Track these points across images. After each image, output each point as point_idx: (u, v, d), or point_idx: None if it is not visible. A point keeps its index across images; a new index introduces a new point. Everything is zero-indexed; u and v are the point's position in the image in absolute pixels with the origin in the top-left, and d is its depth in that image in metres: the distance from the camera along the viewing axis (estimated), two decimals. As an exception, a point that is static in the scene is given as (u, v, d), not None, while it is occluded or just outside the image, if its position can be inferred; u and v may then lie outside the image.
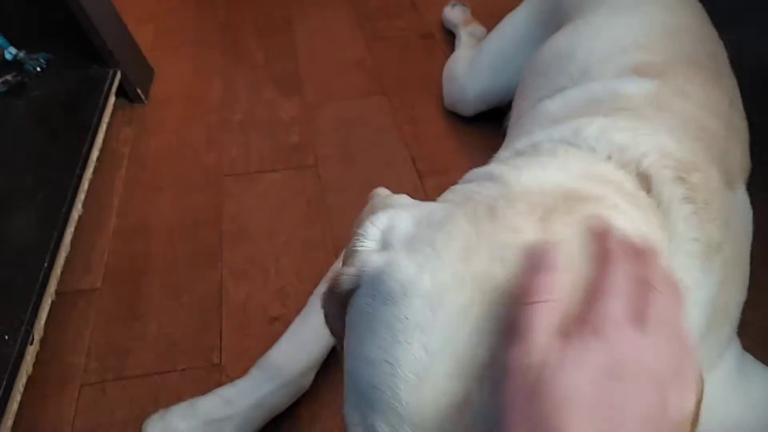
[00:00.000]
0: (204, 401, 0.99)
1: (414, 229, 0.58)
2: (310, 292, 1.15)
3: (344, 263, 0.64)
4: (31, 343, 1.05)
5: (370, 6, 2.26)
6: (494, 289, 0.51)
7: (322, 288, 1.10)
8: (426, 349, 0.50)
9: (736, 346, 0.87)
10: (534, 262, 0.52)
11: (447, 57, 1.77)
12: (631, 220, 0.60)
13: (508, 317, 0.50)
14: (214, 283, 1.27)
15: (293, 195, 1.48)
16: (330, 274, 1.12)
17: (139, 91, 1.79)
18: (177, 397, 1.05)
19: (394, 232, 0.58)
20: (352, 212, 1.18)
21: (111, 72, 1.70)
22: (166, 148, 1.65)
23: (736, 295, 0.84)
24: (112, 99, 1.67)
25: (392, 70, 1.91)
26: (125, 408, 1.05)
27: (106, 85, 1.65)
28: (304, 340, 1.05)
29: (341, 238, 1.34)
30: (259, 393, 0.99)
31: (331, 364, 1.07)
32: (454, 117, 1.66)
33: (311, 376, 1.03)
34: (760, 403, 0.86)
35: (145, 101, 1.81)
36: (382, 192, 0.76)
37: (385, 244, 0.58)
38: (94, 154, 1.48)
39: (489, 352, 0.50)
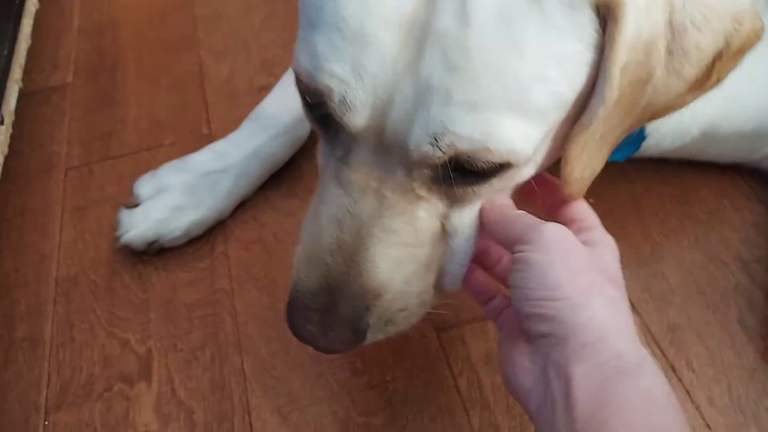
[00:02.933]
0: (196, 156, 0.92)
1: None
2: (298, 59, 1.05)
3: None
4: (1, 123, 0.97)
5: None
6: None
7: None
8: None
9: None
10: None
11: None
12: None
13: None
14: (193, 65, 1.17)
15: (268, -28, 1.34)
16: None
17: None
18: (169, 167, 0.98)
19: None
20: None
21: None
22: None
23: None
24: None
25: None
26: (115, 184, 0.99)
27: None
28: (294, 91, 0.96)
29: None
30: (254, 143, 0.91)
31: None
32: None
33: (307, 126, 0.95)
34: None
35: None
36: None
37: None
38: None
39: None
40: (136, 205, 0.88)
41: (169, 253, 0.89)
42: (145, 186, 0.89)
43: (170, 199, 0.87)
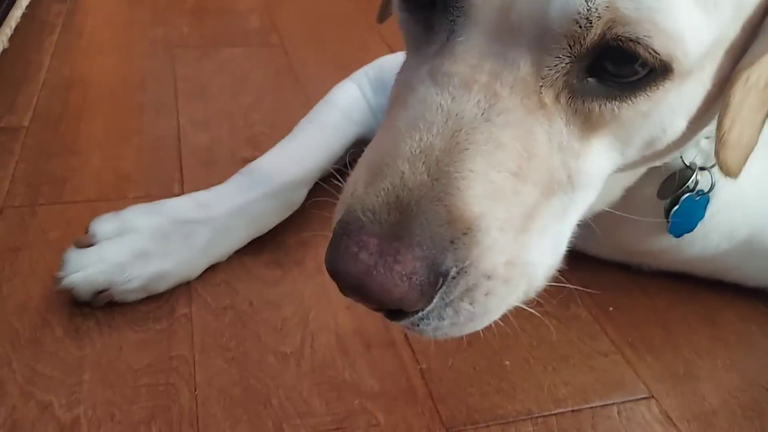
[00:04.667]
0: (173, 201, 0.79)
1: None
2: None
3: None
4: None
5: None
6: None
7: (312, 114, 0.93)
8: None
9: None
10: None
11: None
12: None
13: None
14: (170, 130, 1.07)
15: (258, 65, 1.31)
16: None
17: (74, -28, 1.57)
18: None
19: None
20: (327, 85, 1.03)
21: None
22: (106, 22, 1.45)
23: None
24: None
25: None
26: (61, 229, 0.83)
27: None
28: (294, 154, 0.87)
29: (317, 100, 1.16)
30: (242, 198, 0.80)
31: (321, 195, 0.89)
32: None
33: (303, 192, 0.85)
34: None
35: (80, -14, 1.59)
36: None
37: None
38: (23, 1, 1.26)
39: None
40: (89, 245, 0.73)
41: (118, 309, 0.72)
42: (105, 224, 0.75)
43: (135, 241, 0.73)
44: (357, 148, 0.95)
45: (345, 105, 0.95)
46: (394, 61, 1.01)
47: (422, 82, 0.42)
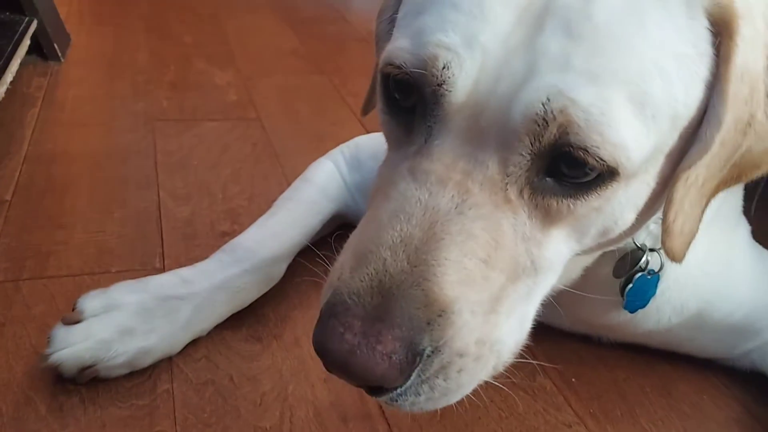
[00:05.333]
0: (157, 278, 0.82)
1: None
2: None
3: None
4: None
5: (301, 15, 2.26)
6: None
7: (290, 191, 0.98)
8: None
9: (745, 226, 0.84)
10: None
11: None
12: None
13: None
14: (151, 203, 1.11)
15: (236, 139, 1.36)
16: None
17: (56, 46, 1.63)
18: (113, 294, 0.86)
19: None
20: (303, 159, 1.10)
21: (27, 19, 1.54)
22: (88, 95, 1.49)
23: None
24: (26, 42, 1.50)
25: (329, 59, 1.87)
26: (45, 304, 0.85)
27: (21, 27, 1.49)
28: (274, 230, 0.91)
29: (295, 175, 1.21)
30: (223, 274, 0.83)
31: (299, 270, 0.94)
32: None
33: (282, 267, 0.89)
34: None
35: (62, 59, 1.64)
36: None
37: None
38: (8, 77, 1.30)
39: None
40: (77, 322, 0.76)
41: (101, 386, 0.75)
42: (92, 301, 0.77)
43: (120, 318, 0.76)
44: (333, 223, 1.00)
45: (322, 182, 1.01)
46: (369, 140, 1.08)
47: (403, 178, 0.48)
